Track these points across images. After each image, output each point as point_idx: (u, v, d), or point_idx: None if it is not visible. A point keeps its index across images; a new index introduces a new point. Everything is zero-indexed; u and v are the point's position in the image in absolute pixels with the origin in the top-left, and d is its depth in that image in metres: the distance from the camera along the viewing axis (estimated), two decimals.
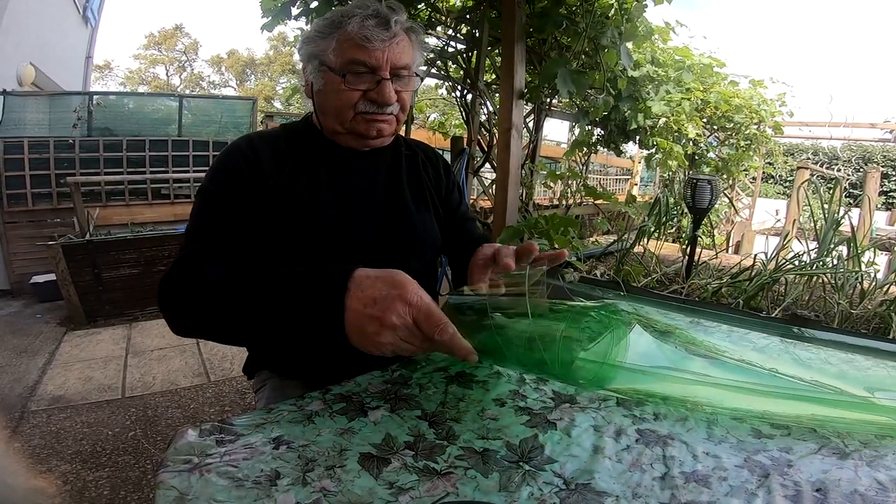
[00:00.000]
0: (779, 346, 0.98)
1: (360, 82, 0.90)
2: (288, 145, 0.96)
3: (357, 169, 0.98)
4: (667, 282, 2.28)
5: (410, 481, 0.53)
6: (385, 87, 0.89)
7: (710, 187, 2.10)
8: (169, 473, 0.53)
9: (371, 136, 0.95)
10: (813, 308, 1.89)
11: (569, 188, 3.74)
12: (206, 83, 26.17)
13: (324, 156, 0.97)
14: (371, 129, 0.94)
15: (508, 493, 0.52)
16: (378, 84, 0.89)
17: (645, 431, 0.63)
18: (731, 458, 0.58)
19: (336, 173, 0.96)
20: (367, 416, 0.66)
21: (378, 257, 0.94)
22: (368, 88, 0.90)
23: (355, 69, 0.89)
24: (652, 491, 0.52)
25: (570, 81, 2.17)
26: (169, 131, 5.02)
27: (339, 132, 0.96)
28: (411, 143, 1.14)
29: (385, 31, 0.87)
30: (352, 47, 0.87)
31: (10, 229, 4.23)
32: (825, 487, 0.54)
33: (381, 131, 0.95)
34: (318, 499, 0.50)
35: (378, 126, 0.94)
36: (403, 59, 0.91)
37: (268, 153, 0.93)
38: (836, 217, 2.28)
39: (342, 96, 0.90)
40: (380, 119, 0.93)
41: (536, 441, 0.61)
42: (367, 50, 0.87)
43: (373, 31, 0.86)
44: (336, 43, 0.89)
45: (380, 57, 0.88)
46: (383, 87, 0.89)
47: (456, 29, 2.97)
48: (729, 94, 4.12)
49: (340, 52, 0.88)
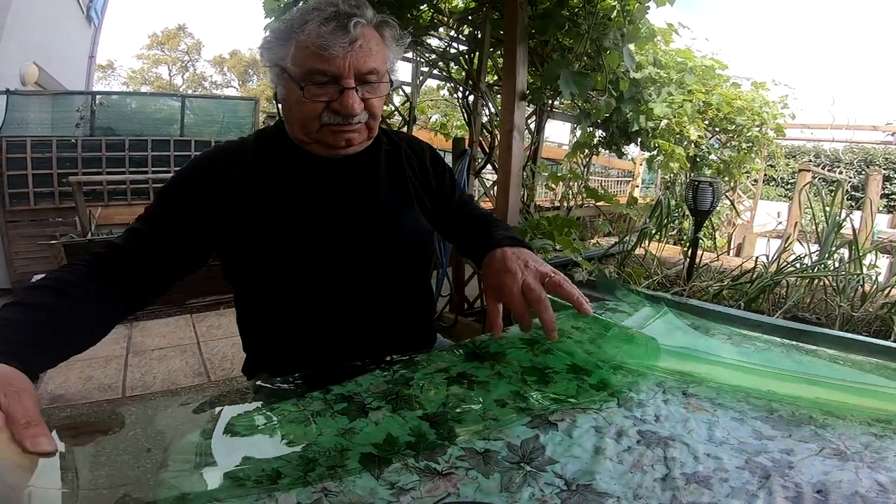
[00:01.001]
0: (780, 349, 0.98)
1: (322, 93, 0.83)
2: (258, 154, 0.92)
3: (331, 175, 0.93)
4: (668, 284, 2.28)
5: (412, 482, 0.53)
6: (348, 98, 0.82)
7: (712, 189, 2.10)
8: (170, 473, 0.54)
9: (340, 146, 0.89)
10: (814, 311, 1.88)
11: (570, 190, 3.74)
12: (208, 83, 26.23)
13: (293, 164, 0.92)
14: (339, 139, 0.88)
15: (510, 494, 0.52)
16: (341, 94, 0.82)
17: (646, 433, 0.63)
18: (733, 459, 0.58)
19: (309, 180, 0.92)
20: (368, 416, 0.66)
21: (360, 260, 0.92)
22: (331, 99, 0.83)
23: (316, 79, 0.82)
24: (653, 492, 0.52)
25: (573, 83, 2.17)
26: (171, 131, 5.03)
27: (307, 142, 0.91)
28: (393, 136, 1.07)
29: (344, 35, 0.79)
30: (310, 56, 0.80)
31: (12, 228, 4.23)
32: (826, 489, 0.54)
33: (351, 141, 0.89)
34: (320, 499, 0.51)
35: (346, 136, 0.88)
36: (369, 64, 0.83)
37: (236, 163, 0.90)
38: (837, 219, 2.27)
39: (304, 108, 0.84)
40: (346, 130, 0.87)
41: (538, 442, 0.61)
42: (326, 58, 0.79)
43: (329, 38, 0.78)
44: (294, 50, 0.82)
45: (341, 65, 0.80)
46: (346, 97, 0.82)
47: (458, 30, 2.97)
48: (731, 96, 4.12)
49: (299, 61, 0.81)
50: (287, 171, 0.92)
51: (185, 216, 0.86)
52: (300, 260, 0.90)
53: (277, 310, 0.95)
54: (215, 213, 0.87)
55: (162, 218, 0.86)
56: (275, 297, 0.95)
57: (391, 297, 0.98)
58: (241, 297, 1.03)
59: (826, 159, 10.62)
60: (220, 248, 0.93)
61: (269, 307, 0.96)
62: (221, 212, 0.87)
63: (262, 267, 0.92)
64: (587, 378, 0.77)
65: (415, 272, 1.04)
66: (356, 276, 0.93)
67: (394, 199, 1.00)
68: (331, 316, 0.94)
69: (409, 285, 1.02)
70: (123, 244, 0.82)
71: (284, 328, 0.96)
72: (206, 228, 0.87)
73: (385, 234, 0.95)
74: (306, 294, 0.93)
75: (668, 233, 2.99)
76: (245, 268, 0.94)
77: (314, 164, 0.92)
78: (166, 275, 0.85)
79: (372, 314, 0.96)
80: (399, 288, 0.99)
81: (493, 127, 2.88)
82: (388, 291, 0.97)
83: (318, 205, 0.92)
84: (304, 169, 0.92)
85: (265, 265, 0.91)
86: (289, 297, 0.93)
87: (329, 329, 0.94)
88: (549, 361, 0.83)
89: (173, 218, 0.86)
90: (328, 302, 0.93)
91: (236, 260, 0.94)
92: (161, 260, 0.84)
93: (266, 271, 0.92)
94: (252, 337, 1.03)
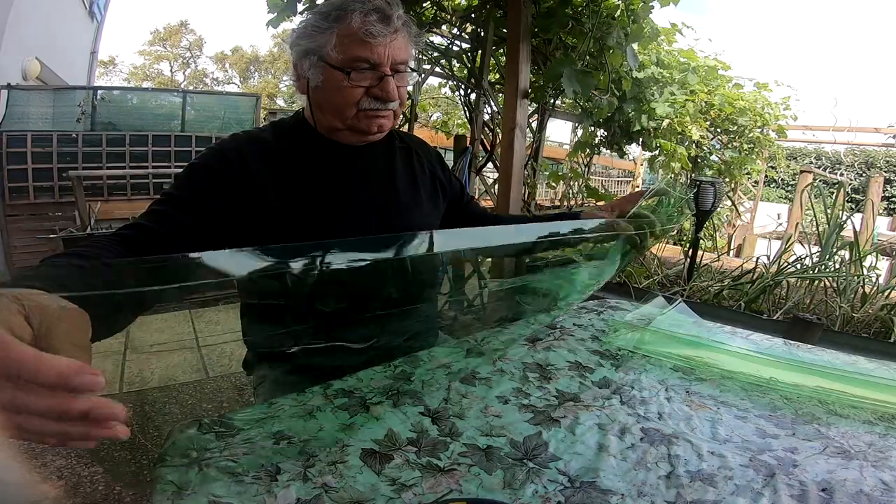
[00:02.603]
0: (782, 348, 0.98)
1: (363, 79, 0.88)
2: (278, 144, 0.95)
3: (352, 164, 0.97)
4: (668, 284, 2.27)
5: (413, 478, 0.53)
6: (388, 84, 0.88)
7: (714, 190, 2.09)
8: (167, 468, 0.53)
9: (372, 132, 0.94)
10: (814, 311, 1.88)
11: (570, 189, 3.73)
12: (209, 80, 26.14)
13: (317, 153, 0.96)
14: (373, 125, 0.93)
15: (513, 491, 0.51)
16: (381, 80, 0.88)
17: (649, 430, 0.63)
18: (736, 457, 0.58)
19: (331, 170, 0.95)
20: (368, 411, 0.65)
21: None
22: (371, 85, 0.89)
23: (358, 65, 0.87)
24: (657, 489, 0.52)
25: (576, 81, 2.16)
26: (172, 127, 5.01)
27: (339, 129, 0.94)
28: (404, 136, 1.13)
29: (387, 26, 0.86)
30: (354, 43, 0.85)
31: (12, 222, 4.22)
32: (831, 487, 0.53)
33: (382, 127, 0.94)
34: (320, 494, 0.50)
35: (379, 122, 0.93)
36: (402, 55, 0.90)
37: (256, 153, 0.92)
38: (838, 221, 2.27)
39: (345, 93, 0.89)
40: (382, 115, 0.92)
41: (540, 439, 0.60)
42: (371, 45, 0.85)
43: (376, 27, 0.84)
44: (336, 38, 0.86)
45: (382, 53, 0.86)
46: (387, 83, 0.88)
47: (461, 28, 2.96)
48: (733, 97, 4.11)
49: (342, 48, 0.86)
50: (310, 160, 0.94)
51: (207, 200, 0.87)
52: None
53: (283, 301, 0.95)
54: (236, 200, 0.88)
55: (180, 201, 0.86)
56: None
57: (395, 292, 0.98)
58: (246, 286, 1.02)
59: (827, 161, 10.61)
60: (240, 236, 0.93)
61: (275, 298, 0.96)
62: (243, 200, 0.88)
63: None
64: (589, 375, 0.77)
65: (424, 268, 1.04)
66: None
67: (406, 192, 1.03)
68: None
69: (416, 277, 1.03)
70: (148, 224, 0.82)
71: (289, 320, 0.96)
72: (226, 214, 0.88)
73: (403, 225, 0.98)
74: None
75: None
76: None
77: (337, 153, 0.96)
78: None
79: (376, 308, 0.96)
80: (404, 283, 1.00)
81: (494, 125, 2.88)
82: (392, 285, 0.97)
83: (341, 192, 0.94)
84: (327, 158, 0.96)
85: None
86: None
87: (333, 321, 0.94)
88: (550, 358, 0.82)
89: (190, 202, 0.86)
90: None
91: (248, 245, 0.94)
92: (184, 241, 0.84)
93: None
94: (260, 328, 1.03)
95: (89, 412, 0.36)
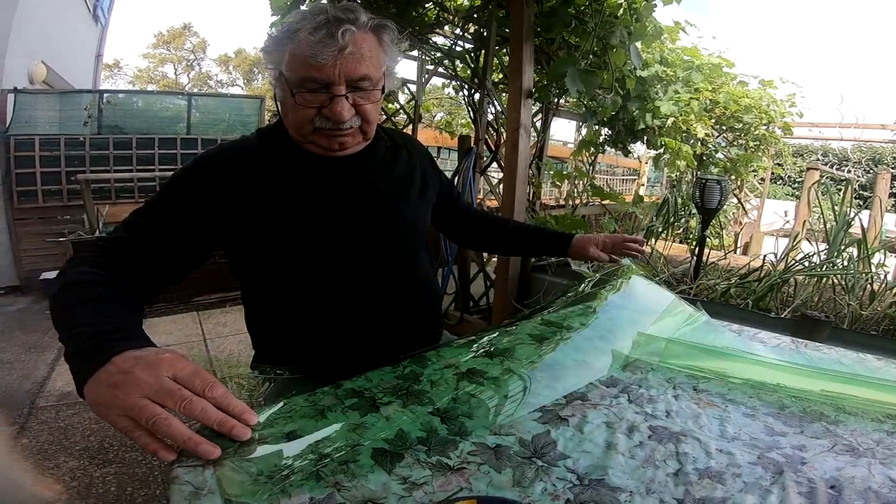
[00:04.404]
0: (790, 346, 0.98)
1: (314, 99, 0.85)
2: (262, 151, 0.94)
3: (330, 171, 0.95)
4: (674, 282, 2.27)
5: (424, 476, 0.53)
6: (337, 105, 0.84)
7: (720, 188, 2.09)
8: (183, 468, 0.54)
9: (333, 149, 0.92)
10: (822, 309, 1.87)
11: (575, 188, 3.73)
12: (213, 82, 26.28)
13: (297, 160, 0.94)
14: (332, 143, 0.90)
15: (522, 489, 0.52)
16: (331, 101, 0.84)
17: (657, 428, 0.63)
18: (745, 455, 0.58)
19: (310, 176, 0.93)
20: (379, 411, 0.66)
21: (362, 254, 0.95)
22: (322, 105, 0.85)
23: (308, 86, 0.84)
24: (666, 487, 0.52)
25: (580, 80, 2.16)
26: (178, 129, 5.04)
27: (303, 142, 0.93)
28: (394, 134, 1.11)
29: (332, 44, 0.80)
30: (301, 63, 0.82)
31: (21, 226, 4.26)
32: (839, 485, 0.54)
33: (344, 144, 0.92)
34: (332, 493, 0.51)
35: (340, 140, 0.90)
36: (360, 70, 0.84)
37: (241, 161, 0.91)
38: (846, 217, 2.26)
39: (297, 113, 0.87)
40: (340, 134, 0.89)
41: (549, 437, 0.61)
42: (316, 66, 0.81)
43: (318, 47, 0.80)
44: (288, 56, 0.84)
45: (331, 73, 0.82)
46: (334, 105, 0.84)
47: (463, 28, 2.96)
48: (738, 94, 4.10)
49: (292, 68, 0.84)
50: (289, 167, 0.93)
51: (188, 211, 0.87)
52: (304, 254, 0.92)
53: (284, 304, 0.97)
54: (219, 209, 0.88)
55: (165, 212, 0.87)
56: (281, 291, 0.96)
57: (395, 290, 0.99)
58: (249, 292, 1.04)
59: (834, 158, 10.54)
60: (227, 244, 0.95)
61: (276, 302, 0.98)
62: (226, 208, 0.88)
63: (268, 262, 0.94)
64: (595, 372, 0.77)
65: (417, 264, 1.05)
66: (359, 269, 0.95)
67: (393, 192, 1.01)
68: (336, 309, 0.95)
69: (412, 277, 1.03)
70: (127, 236, 0.83)
71: (292, 323, 0.97)
72: (210, 224, 0.88)
73: (385, 227, 0.97)
74: (311, 288, 0.94)
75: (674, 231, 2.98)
76: (252, 263, 0.96)
77: (314, 161, 0.94)
78: (170, 269, 0.86)
79: (377, 307, 0.97)
80: (403, 280, 1.00)
81: (498, 125, 2.88)
82: (391, 283, 0.98)
83: (319, 200, 0.93)
84: (305, 166, 0.94)
85: (271, 260, 0.93)
86: (294, 291, 0.95)
87: (335, 322, 0.96)
88: (557, 357, 0.83)
89: (176, 212, 0.87)
90: (333, 295, 0.95)
91: (243, 255, 0.96)
92: (165, 253, 0.84)
93: (272, 266, 0.94)
94: (261, 333, 1.04)
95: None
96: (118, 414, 0.56)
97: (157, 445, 0.56)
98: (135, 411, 0.55)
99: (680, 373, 0.80)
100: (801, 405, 0.71)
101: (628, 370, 0.80)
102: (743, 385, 0.76)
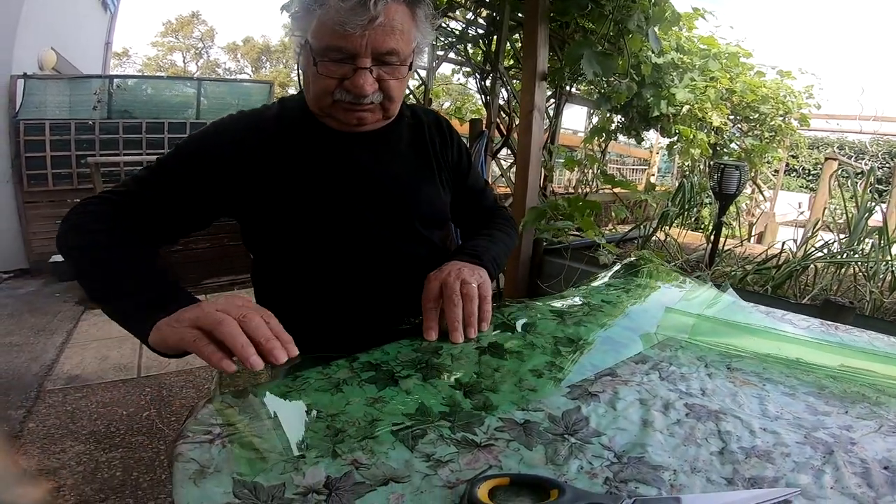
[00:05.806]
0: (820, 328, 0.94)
1: (338, 69, 0.80)
2: (280, 123, 0.91)
3: (349, 147, 0.91)
4: (689, 269, 2.22)
5: (449, 454, 0.50)
6: (359, 78, 0.79)
7: (739, 173, 2.04)
8: (188, 445, 0.49)
9: (351, 124, 0.87)
10: (843, 297, 1.83)
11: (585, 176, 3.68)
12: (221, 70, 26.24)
13: (316, 134, 0.91)
14: (350, 117, 0.86)
15: (556, 466, 0.48)
16: (354, 73, 0.80)
17: (694, 406, 0.60)
18: (791, 434, 0.54)
19: (328, 152, 0.90)
20: (398, 384, 0.63)
21: (377, 232, 0.92)
22: (345, 77, 0.80)
23: (332, 55, 0.79)
24: (712, 465, 0.49)
25: (596, 63, 2.11)
26: (187, 115, 5.02)
27: (321, 116, 0.89)
28: (419, 111, 1.05)
29: (363, 13, 0.74)
30: (328, 32, 0.77)
31: (31, 209, 4.26)
32: (893, 465, 0.50)
33: (363, 120, 0.87)
34: (350, 472, 0.47)
35: (358, 115, 0.86)
36: (389, 44, 0.79)
37: (255, 132, 0.89)
38: (868, 206, 2.21)
39: (318, 83, 0.82)
40: (358, 109, 0.84)
41: (580, 413, 0.57)
42: (343, 35, 0.76)
43: (348, 15, 0.74)
44: (317, 23, 0.79)
45: (358, 43, 0.77)
46: (357, 77, 0.79)
47: (476, 12, 2.92)
48: (755, 84, 4.02)
49: (319, 36, 0.79)
50: (304, 140, 0.91)
51: (197, 172, 0.86)
52: (317, 230, 0.90)
53: (296, 279, 0.95)
54: (229, 174, 0.87)
55: (175, 171, 0.87)
56: (293, 266, 0.94)
57: (409, 268, 0.95)
58: (259, 269, 1.01)
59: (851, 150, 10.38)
60: (238, 213, 0.93)
61: (288, 277, 0.96)
62: (236, 174, 0.87)
63: (277, 234, 0.92)
64: (623, 350, 0.74)
65: (433, 244, 1.01)
66: (373, 247, 0.92)
67: (413, 172, 0.98)
68: (346, 288, 0.93)
69: (427, 257, 1.00)
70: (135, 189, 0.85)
71: (303, 298, 0.95)
72: (217, 188, 0.87)
73: (402, 206, 0.94)
74: (318, 265, 0.92)
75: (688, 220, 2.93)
76: (264, 236, 0.94)
77: (330, 136, 0.91)
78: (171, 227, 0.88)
79: (390, 286, 0.95)
80: (417, 259, 0.97)
81: (510, 109, 2.84)
82: (406, 262, 0.95)
83: (336, 176, 0.90)
84: (320, 139, 0.91)
85: (280, 233, 0.91)
86: (302, 267, 0.93)
87: (347, 299, 0.93)
88: (581, 333, 0.79)
89: (186, 172, 0.86)
90: (341, 273, 0.92)
91: (255, 227, 0.94)
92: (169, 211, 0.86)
93: (281, 239, 0.92)
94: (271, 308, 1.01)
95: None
96: (187, 326, 0.62)
97: (220, 356, 0.59)
98: (202, 319, 0.61)
99: (710, 350, 0.76)
100: (841, 386, 0.68)
101: (656, 347, 0.77)
102: (778, 364, 0.73)
